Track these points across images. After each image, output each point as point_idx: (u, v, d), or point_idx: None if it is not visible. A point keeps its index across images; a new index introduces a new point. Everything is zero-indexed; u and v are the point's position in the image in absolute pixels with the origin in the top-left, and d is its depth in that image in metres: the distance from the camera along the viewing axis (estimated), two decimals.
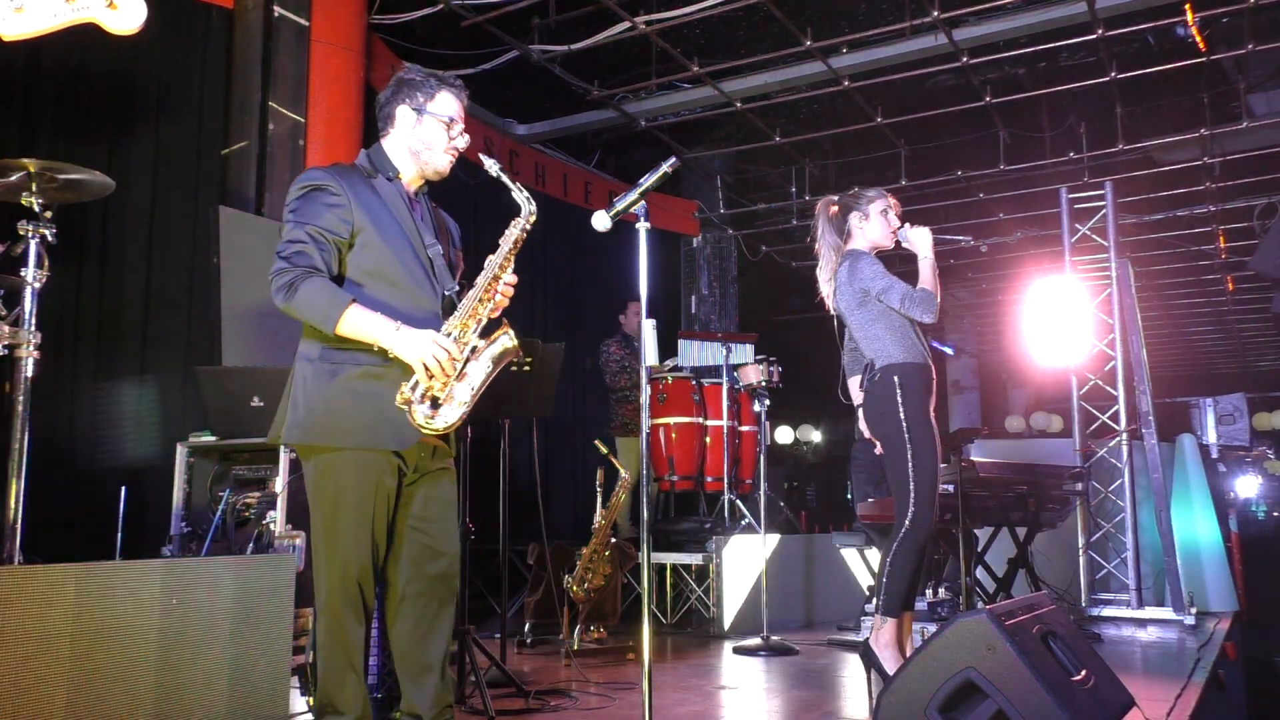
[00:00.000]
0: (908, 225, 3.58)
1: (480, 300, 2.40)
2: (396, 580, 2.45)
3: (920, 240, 3.55)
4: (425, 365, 2.28)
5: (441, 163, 2.51)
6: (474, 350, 2.36)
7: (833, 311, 3.68)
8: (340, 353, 2.34)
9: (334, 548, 2.36)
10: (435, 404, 2.31)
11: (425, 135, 2.49)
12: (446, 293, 2.47)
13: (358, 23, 5.62)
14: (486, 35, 6.35)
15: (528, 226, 2.48)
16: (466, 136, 2.54)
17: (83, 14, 2.09)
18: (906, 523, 3.34)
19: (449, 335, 2.34)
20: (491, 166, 2.50)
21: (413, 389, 2.29)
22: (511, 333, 2.39)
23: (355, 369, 2.33)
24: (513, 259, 2.46)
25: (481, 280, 2.41)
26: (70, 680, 2.35)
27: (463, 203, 7.26)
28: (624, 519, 6.10)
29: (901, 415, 3.37)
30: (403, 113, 2.49)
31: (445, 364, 2.28)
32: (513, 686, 3.57)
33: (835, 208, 3.68)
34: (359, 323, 2.28)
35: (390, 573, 2.46)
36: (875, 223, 3.58)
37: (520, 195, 2.49)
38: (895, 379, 3.41)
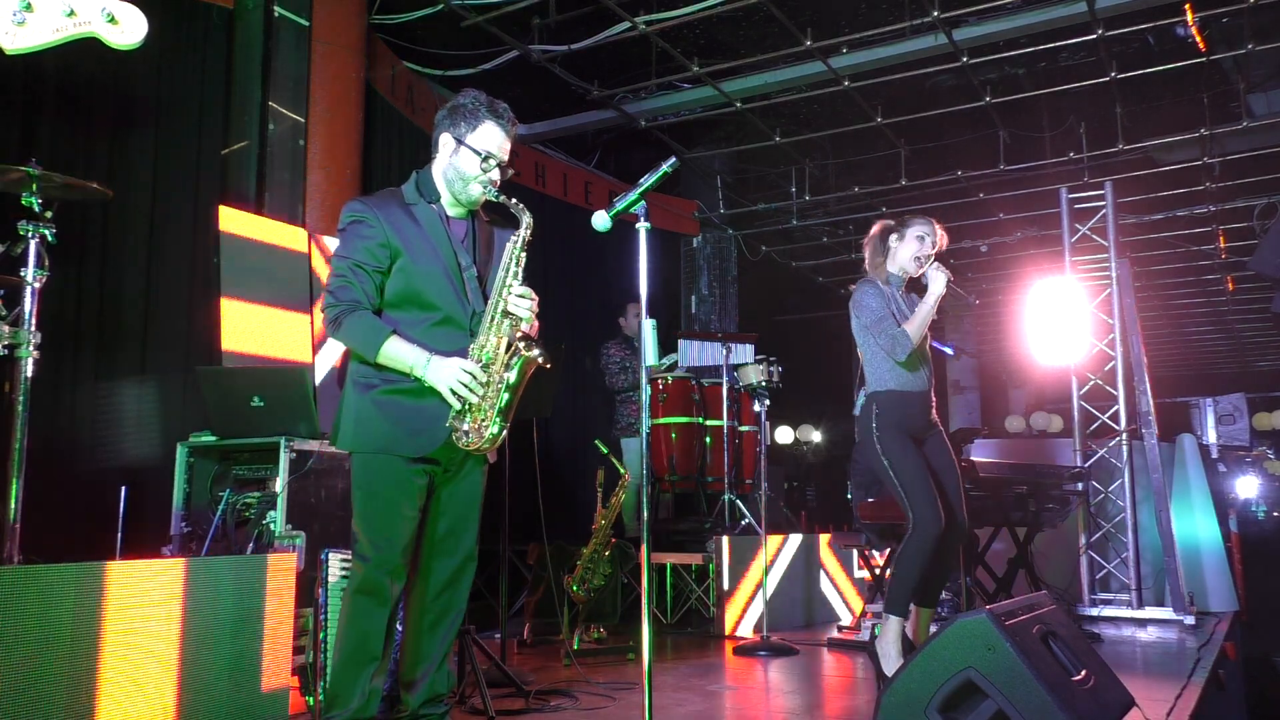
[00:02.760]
0: (936, 264, 3.65)
1: (496, 320, 2.52)
2: (410, 573, 2.60)
3: (935, 282, 3.62)
4: (453, 391, 2.44)
5: (474, 193, 2.60)
6: (505, 367, 2.50)
7: None
8: (373, 373, 2.54)
9: (364, 538, 2.53)
10: (480, 425, 2.49)
11: (460, 165, 2.58)
12: (479, 312, 2.58)
13: (358, 23, 5.62)
14: (486, 35, 6.34)
15: (527, 237, 2.58)
16: (509, 171, 2.62)
17: (84, 29, 2.14)
18: (910, 527, 3.48)
19: (475, 360, 2.48)
20: (489, 191, 2.60)
21: (456, 416, 2.48)
22: (526, 345, 2.51)
23: (384, 386, 2.52)
24: (519, 273, 2.56)
25: (492, 301, 2.54)
26: (70, 680, 2.35)
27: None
28: (630, 518, 6.10)
29: (875, 439, 3.58)
30: (445, 140, 2.61)
31: (472, 387, 2.45)
32: (513, 686, 3.58)
33: (879, 229, 3.79)
34: (396, 353, 2.47)
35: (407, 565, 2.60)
36: (909, 245, 3.67)
37: (515, 208, 2.56)
38: (874, 407, 3.61)
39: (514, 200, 2.56)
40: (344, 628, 2.54)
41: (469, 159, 2.57)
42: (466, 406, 2.46)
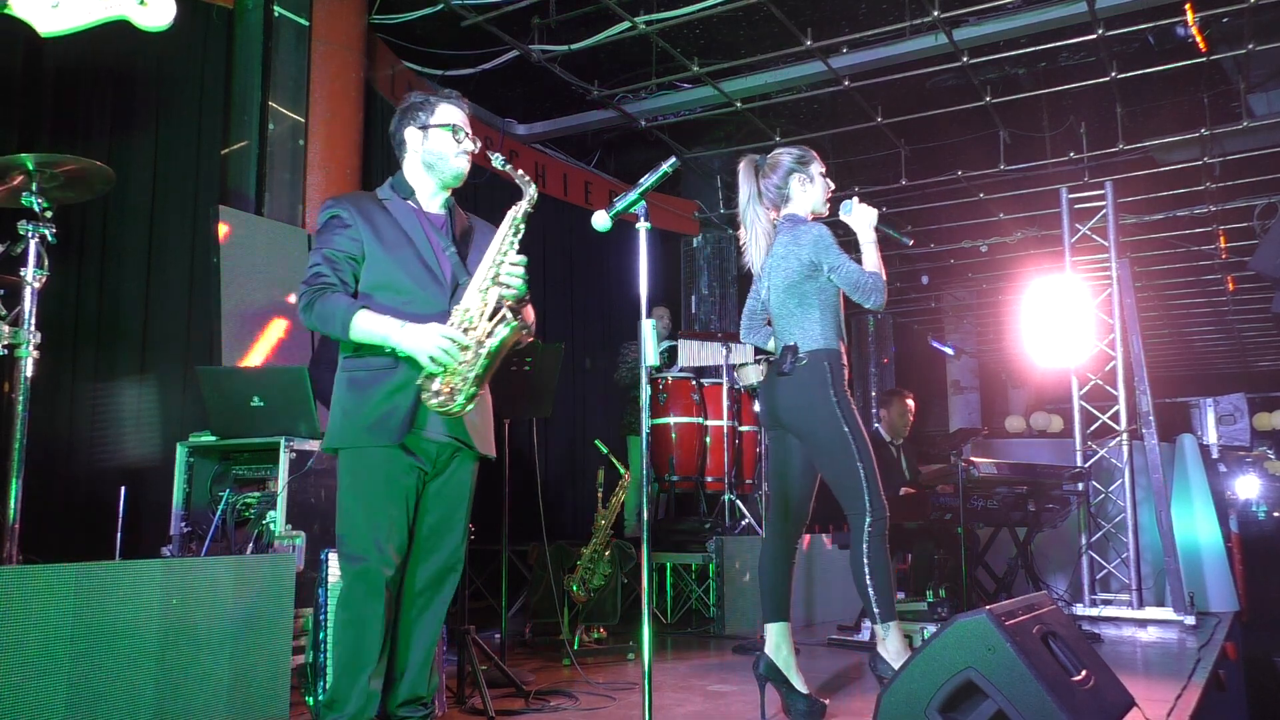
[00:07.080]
0: (855, 199, 3.37)
1: (485, 286, 2.49)
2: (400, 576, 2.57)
3: (863, 220, 3.32)
4: (432, 358, 2.40)
5: (458, 167, 2.66)
6: (487, 334, 2.46)
7: (763, 282, 3.39)
8: (355, 361, 2.54)
9: (350, 540, 2.51)
10: (452, 389, 2.43)
11: (434, 146, 2.65)
12: (461, 285, 2.58)
13: (358, 23, 5.63)
14: (486, 35, 6.35)
15: (530, 209, 2.57)
16: (476, 141, 2.69)
17: (115, 10, 2.16)
18: (867, 515, 3.11)
19: (456, 324, 2.45)
20: (496, 159, 2.62)
21: (428, 378, 2.43)
22: (510, 315, 2.46)
23: (365, 374, 2.52)
24: (516, 240, 2.54)
25: (483, 267, 2.51)
26: (70, 680, 2.35)
27: (466, 203, 7.26)
28: (632, 517, 6.09)
29: (835, 404, 3.13)
30: (410, 134, 2.67)
31: (452, 352, 2.40)
32: (513, 686, 3.57)
33: (760, 167, 3.54)
34: (369, 325, 2.44)
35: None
36: (819, 186, 3.39)
37: (521, 180, 2.57)
38: (826, 365, 3.16)
39: (520, 172, 2.56)
40: (339, 633, 2.52)
41: (440, 137, 2.63)
42: (440, 369, 2.41)
